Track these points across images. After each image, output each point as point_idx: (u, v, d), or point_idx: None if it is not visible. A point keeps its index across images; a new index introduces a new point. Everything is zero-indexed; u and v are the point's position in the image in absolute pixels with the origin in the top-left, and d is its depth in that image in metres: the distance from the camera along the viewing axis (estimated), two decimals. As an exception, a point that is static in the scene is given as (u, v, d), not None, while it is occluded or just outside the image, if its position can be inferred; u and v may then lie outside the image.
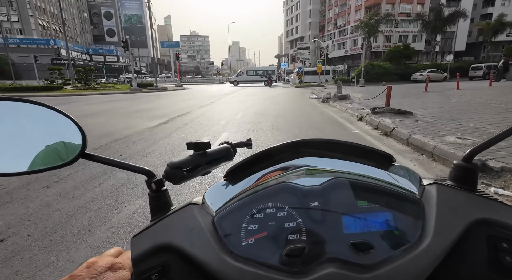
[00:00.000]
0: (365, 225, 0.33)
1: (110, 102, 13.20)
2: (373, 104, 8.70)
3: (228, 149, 0.50)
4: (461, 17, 33.42)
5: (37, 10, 55.06)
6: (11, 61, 28.83)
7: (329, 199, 0.36)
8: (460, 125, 4.91)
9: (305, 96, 15.33)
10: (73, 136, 0.41)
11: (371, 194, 0.36)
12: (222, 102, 12.67)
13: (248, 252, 0.32)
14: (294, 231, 0.33)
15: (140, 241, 0.36)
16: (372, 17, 34.48)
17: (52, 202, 2.53)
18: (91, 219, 2.24)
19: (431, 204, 0.36)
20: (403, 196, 0.37)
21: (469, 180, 0.40)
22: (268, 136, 5.24)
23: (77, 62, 47.81)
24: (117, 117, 8.06)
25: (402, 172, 0.44)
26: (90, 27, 73.57)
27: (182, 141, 4.88)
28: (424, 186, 0.40)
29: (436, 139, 4.05)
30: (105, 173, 3.25)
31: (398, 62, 31.11)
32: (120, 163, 0.43)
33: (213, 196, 0.42)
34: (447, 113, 6.40)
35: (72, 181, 3.05)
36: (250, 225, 0.34)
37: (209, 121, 7.08)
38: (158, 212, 0.42)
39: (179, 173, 0.41)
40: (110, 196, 2.68)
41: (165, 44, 45.41)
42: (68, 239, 1.95)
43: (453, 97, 10.16)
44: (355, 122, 6.74)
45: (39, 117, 0.40)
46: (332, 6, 60.06)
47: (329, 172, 0.40)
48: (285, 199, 0.36)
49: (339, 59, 56.14)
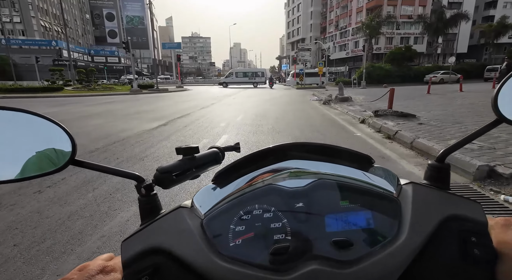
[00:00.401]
0: (346, 223, 0.35)
1: (110, 103, 13.14)
2: (375, 106, 8.60)
3: (216, 153, 0.52)
4: (463, 19, 33.29)
5: (39, 11, 55.32)
6: (13, 62, 28.85)
7: (313, 199, 0.37)
8: (465, 128, 4.79)
9: (306, 98, 15.24)
10: (63, 143, 0.41)
11: (352, 194, 0.38)
12: (223, 103, 12.59)
13: (235, 252, 0.34)
14: (279, 231, 0.35)
15: (130, 245, 0.36)
16: (374, 19, 34.39)
17: (43, 209, 2.43)
18: (82, 227, 2.14)
19: (407, 202, 0.38)
20: (381, 195, 0.38)
21: (443, 179, 0.42)
22: (268, 139, 5.14)
23: (78, 63, 47.89)
24: (116, 118, 7.98)
25: (381, 172, 0.46)
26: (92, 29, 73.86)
27: (180, 144, 4.74)
28: (401, 186, 0.41)
29: (441, 143, 3.94)
30: (100, 177, 3.15)
31: (399, 64, 30.99)
32: (110, 169, 0.43)
33: (201, 199, 0.42)
34: (451, 116, 6.29)
35: (65, 186, 2.95)
36: (238, 226, 0.35)
37: (209, 123, 6.98)
38: (148, 216, 0.42)
39: (168, 177, 0.43)
40: (104, 202, 2.58)
41: (167, 46, 45.31)
42: (56, 249, 1.85)
43: (457, 99, 10.04)
44: (357, 124, 6.64)
45: (28, 125, 0.40)
46: (334, 8, 60.08)
47: (313, 174, 0.42)
48: (271, 200, 0.37)
49: (340, 61, 56.09)
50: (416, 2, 47.98)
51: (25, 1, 52.72)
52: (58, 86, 21.88)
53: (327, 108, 10.12)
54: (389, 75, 28.28)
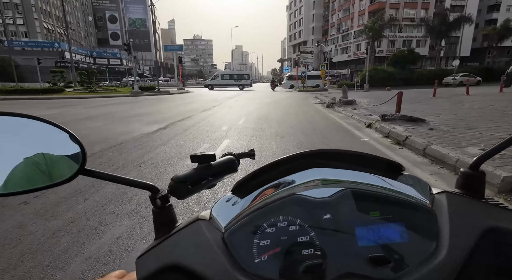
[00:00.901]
0: (379, 237, 0.33)
1: (110, 105, 12.96)
2: (381, 109, 8.36)
3: (232, 161, 0.49)
4: (466, 22, 33.06)
5: (42, 13, 55.54)
6: (15, 64, 28.84)
7: (341, 210, 0.35)
8: (480, 134, 4.54)
9: (309, 100, 15.02)
10: (72, 151, 0.39)
11: (383, 204, 0.35)
12: (224, 106, 12.39)
13: (262, 270, 0.31)
14: (308, 245, 0.32)
15: (146, 262, 0.35)
16: (377, 22, 34.22)
17: (27, 223, 2.21)
18: (67, 245, 1.91)
19: (443, 214, 0.35)
20: (415, 206, 0.36)
21: (477, 188, 0.40)
22: (272, 144, 4.91)
23: (80, 65, 47.89)
24: (115, 121, 7.78)
25: (412, 181, 0.43)
26: (95, 31, 74.12)
27: (180, 149, 4.56)
28: (434, 195, 0.39)
29: (457, 150, 3.70)
30: (93, 186, 2.93)
31: (402, 67, 30.75)
32: (122, 179, 0.41)
33: (221, 211, 0.40)
34: (462, 120, 6.04)
35: (54, 195, 2.73)
36: (262, 240, 0.33)
37: (210, 127, 6.76)
38: (163, 229, 0.40)
39: (183, 187, 0.41)
40: (94, 215, 2.35)
41: (169, 48, 45.24)
42: (35, 274, 1.63)
43: (465, 103, 9.79)
44: (363, 129, 6.40)
45: (38, 132, 0.39)
46: (336, 11, 60.02)
47: (340, 183, 0.39)
48: (296, 212, 0.35)
49: (342, 64, 55.93)
50: (418, 6, 47.84)
51: (29, 3, 52.98)
52: (59, 87, 21.79)
53: (331, 112, 9.89)
54: (392, 78, 28.03)
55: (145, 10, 63.16)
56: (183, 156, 4.14)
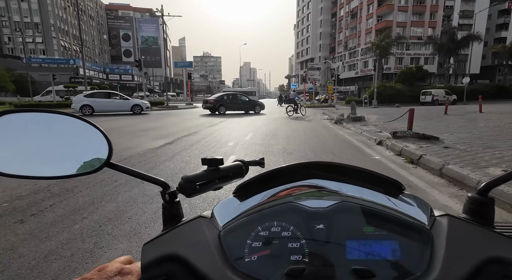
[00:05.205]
0: (369, 252, 0.33)
1: (118, 119, 13.11)
2: (391, 126, 8.16)
3: (240, 167, 0.51)
4: (475, 40, 33.03)
5: (60, 32, 58.40)
6: (32, 79, 29.92)
7: (334, 222, 0.35)
8: (500, 154, 4.30)
9: (317, 116, 14.90)
10: (101, 146, 0.47)
11: (378, 220, 0.35)
12: (231, 121, 12.37)
13: (250, 269, 0.33)
14: (297, 251, 0.33)
15: (150, 249, 0.37)
16: (384, 39, 34.54)
17: (19, 244, 2.08)
18: (58, 271, 1.76)
19: (441, 237, 0.34)
20: (411, 226, 0.36)
21: (485, 215, 0.39)
22: (279, 160, 4.76)
23: (93, 81, 49.35)
24: (122, 135, 7.78)
25: (412, 201, 0.43)
26: (109, 48, 77.21)
27: (184, 165, 4.45)
28: (435, 217, 0.39)
29: (477, 171, 3.47)
30: (93, 204, 2.81)
31: (411, 83, 30.62)
32: (139, 174, 0.47)
33: (221, 211, 0.43)
34: (479, 139, 5.79)
35: (52, 213, 2.61)
36: (255, 242, 0.35)
37: (217, 142, 6.67)
38: (170, 223, 0.44)
39: (192, 186, 0.44)
40: (91, 236, 2.21)
41: (179, 64, 46.45)
42: (18, 305, 1.48)
43: (479, 121, 9.49)
44: (373, 146, 6.20)
45: (73, 128, 0.46)
46: (343, 29, 61.14)
47: (337, 195, 0.40)
48: (291, 219, 0.36)
49: (349, 80, 56.20)
50: (425, 24, 48.34)
51: (48, 23, 55.90)
52: (70, 102, 22.31)
53: (340, 128, 9.72)
54: (400, 94, 27.86)
55: (157, 29, 65.65)
56: (188, 172, 4.00)
